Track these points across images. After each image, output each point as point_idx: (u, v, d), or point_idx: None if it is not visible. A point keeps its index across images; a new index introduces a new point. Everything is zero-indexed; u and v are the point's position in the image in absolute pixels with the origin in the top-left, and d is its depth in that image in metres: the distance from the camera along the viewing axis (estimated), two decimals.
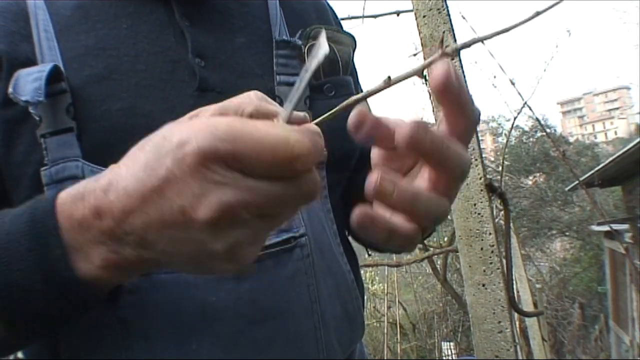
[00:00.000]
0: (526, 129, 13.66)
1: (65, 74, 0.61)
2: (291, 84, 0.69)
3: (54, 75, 0.60)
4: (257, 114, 0.41)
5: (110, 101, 0.61)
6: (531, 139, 13.60)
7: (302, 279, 0.63)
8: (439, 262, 6.90)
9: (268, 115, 0.41)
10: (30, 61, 0.62)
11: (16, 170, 0.61)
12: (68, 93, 0.60)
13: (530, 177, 13.06)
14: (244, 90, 0.65)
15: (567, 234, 12.43)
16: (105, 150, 0.59)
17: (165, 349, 0.57)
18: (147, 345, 0.57)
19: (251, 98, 0.44)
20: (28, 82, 0.57)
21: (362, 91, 0.91)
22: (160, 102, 0.63)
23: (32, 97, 0.56)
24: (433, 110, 1.88)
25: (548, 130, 12.78)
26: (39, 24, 0.65)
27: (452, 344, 8.32)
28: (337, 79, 0.73)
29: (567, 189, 11.01)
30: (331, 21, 0.82)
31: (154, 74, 0.64)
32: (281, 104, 0.66)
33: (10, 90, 0.57)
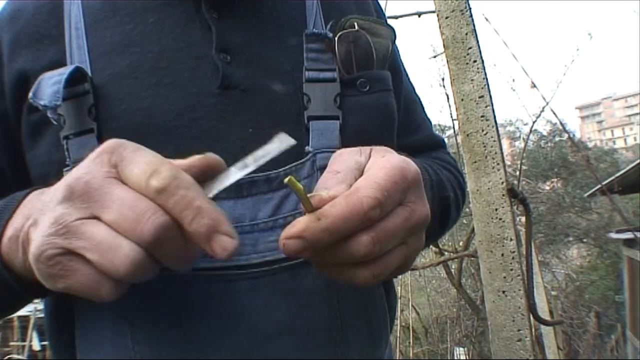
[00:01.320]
0: (544, 133, 13.54)
1: (90, 74, 0.61)
2: (320, 81, 0.65)
3: (76, 77, 0.59)
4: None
5: (130, 100, 0.60)
6: (549, 144, 13.47)
7: (322, 293, 0.60)
8: (453, 267, 6.85)
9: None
10: (56, 64, 0.61)
11: (41, 170, 0.62)
12: (90, 94, 0.59)
13: (548, 183, 12.93)
14: (270, 87, 0.64)
15: (585, 240, 12.29)
16: None
17: None
18: (157, 357, 0.56)
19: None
20: (48, 86, 0.57)
21: (411, 87, 0.87)
22: (180, 101, 0.60)
23: (50, 101, 0.56)
24: (451, 115, 1.87)
25: (567, 135, 12.67)
26: (71, 22, 0.64)
27: (464, 349, 8.25)
28: (372, 73, 0.67)
29: (586, 195, 10.88)
30: (371, 12, 0.77)
31: (175, 71, 0.61)
32: (309, 101, 0.63)
33: (30, 95, 0.57)
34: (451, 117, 6.23)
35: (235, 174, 0.47)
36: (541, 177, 12.66)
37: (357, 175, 0.49)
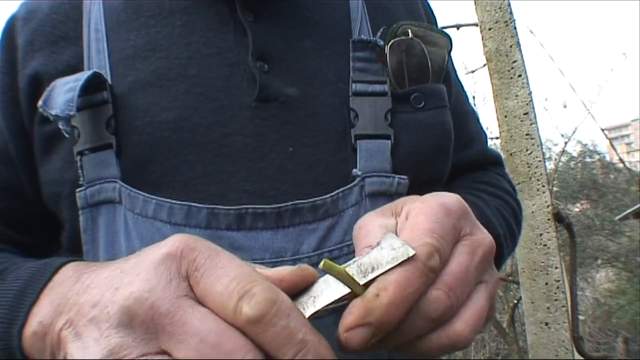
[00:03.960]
0: (574, 154, 13.31)
1: (110, 81, 0.54)
2: (369, 94, 0.58)
3: (94, 84, 0.52)
4: None
5: (154, 112, 0.53)
6: (578, 165, 13.26)
7: None
8: None
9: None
10: (73, 68, 0.55)
11: (52, 189, 0.55)
12: (109, 104, 0.53)
13: (577, 204, 12.69)
14: (312, 100, 0.56)
15: (613, 264, 12.02)
16: (144, 169, 0.52)
17: None
18: None
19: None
20: (61, 94, 0.51)
21: (465, 97, 0.79)
22: (212, 114, 0.54)
23: (62, 110, 0.49)
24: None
25: (598, 157, 12.44)
26: (90, 23, 0.58)
27: None
28: (427, 87, 0.60)
29: (616, 218, 10.66)
30: (422, 17, 0.70)
31: (206, 79, 0.55)
32: (357, 117, 0.57)
33: (40, 103, 0.50)
34: None
35: (333, 289, 0.37)
36: (570, 199, 12.45)
37: None
